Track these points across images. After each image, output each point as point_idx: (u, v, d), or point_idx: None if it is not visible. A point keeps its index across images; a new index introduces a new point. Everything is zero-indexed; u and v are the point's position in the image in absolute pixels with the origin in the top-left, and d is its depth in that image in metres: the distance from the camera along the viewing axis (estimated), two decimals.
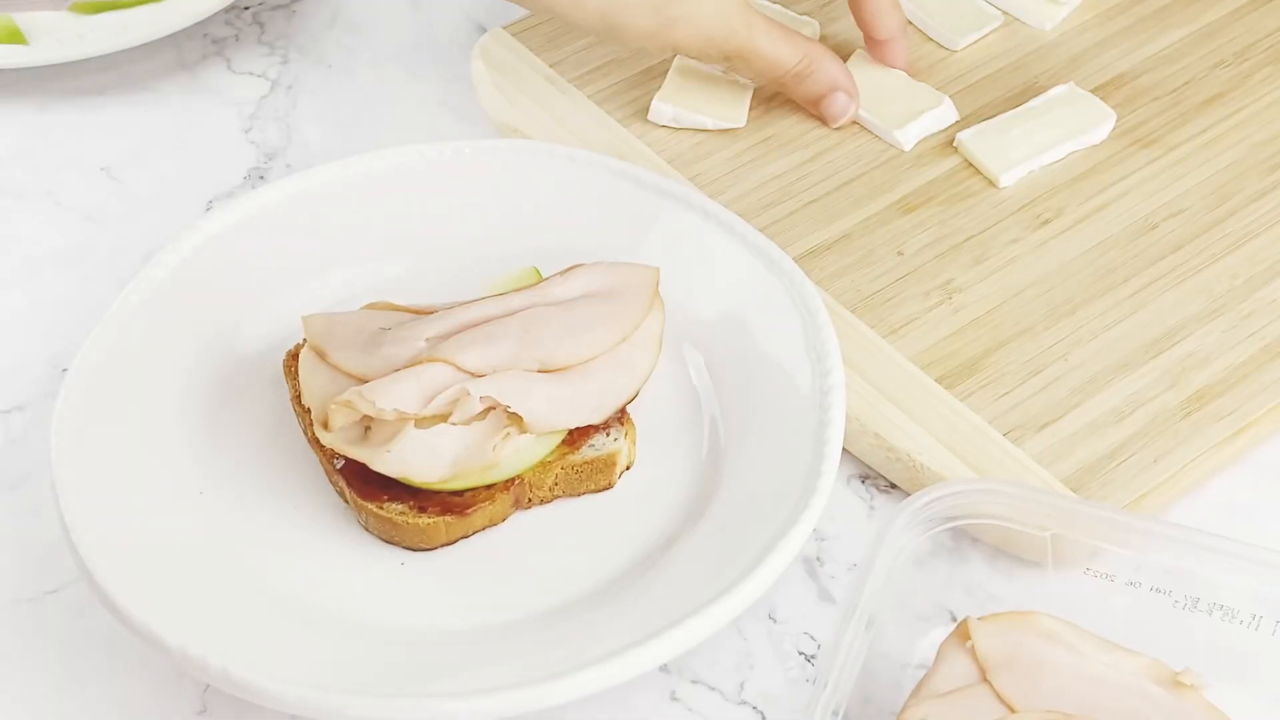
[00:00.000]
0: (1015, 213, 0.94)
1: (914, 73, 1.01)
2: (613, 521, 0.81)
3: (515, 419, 0.80)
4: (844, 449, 0.86)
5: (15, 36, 1.03)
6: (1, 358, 0.91)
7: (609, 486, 0.82)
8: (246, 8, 1.10)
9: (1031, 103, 0.98)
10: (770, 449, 0.82)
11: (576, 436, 0.82)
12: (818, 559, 0.83)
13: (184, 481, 0.81)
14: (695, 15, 0.92)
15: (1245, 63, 1.02)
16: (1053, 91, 0.98)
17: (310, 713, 0.72)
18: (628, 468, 0.83)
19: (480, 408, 0.80)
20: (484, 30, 1.08)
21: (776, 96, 1.00)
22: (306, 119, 1.04)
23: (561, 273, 0.85)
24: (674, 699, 0.78)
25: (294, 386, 0.83)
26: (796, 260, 0.91)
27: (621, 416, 0.83)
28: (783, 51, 0.95)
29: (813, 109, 0.98)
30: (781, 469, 0.80)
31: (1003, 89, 1.00)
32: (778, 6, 1.03)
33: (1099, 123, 0.97)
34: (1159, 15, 1.05)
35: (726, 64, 0.96)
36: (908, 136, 0.97)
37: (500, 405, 0.80)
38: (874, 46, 1.00)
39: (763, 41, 0.94)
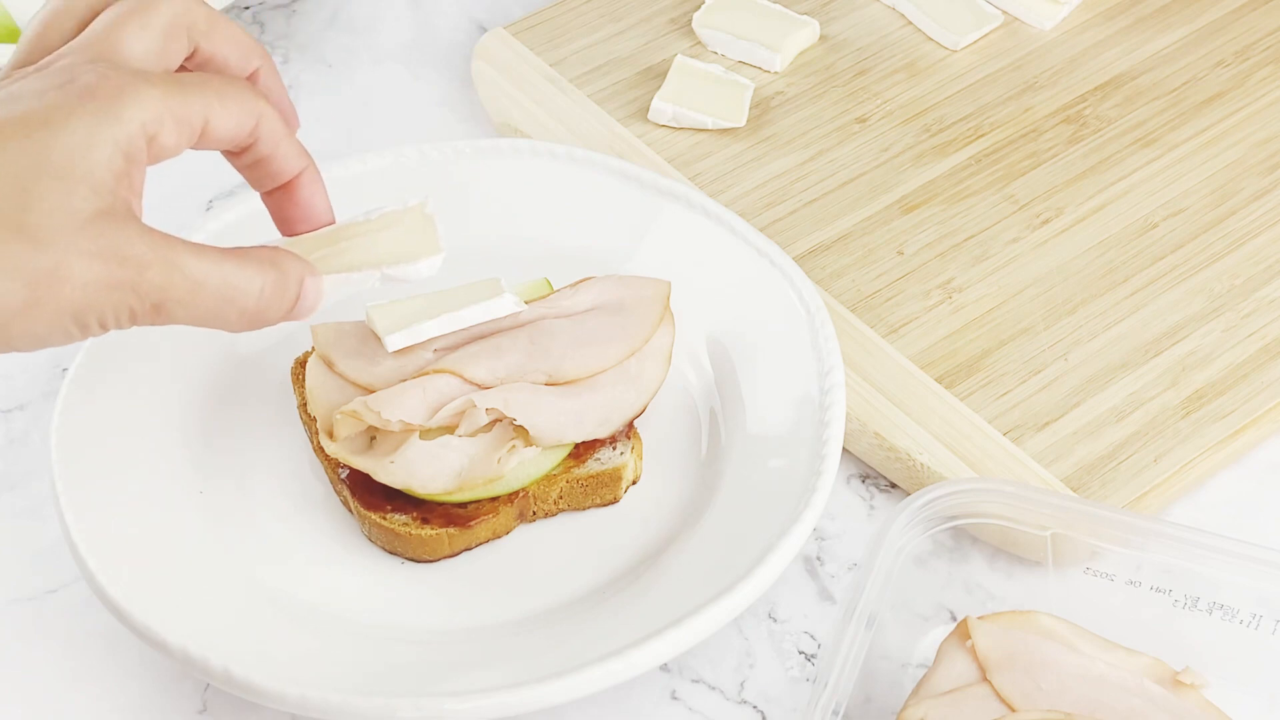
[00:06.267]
0: (1015, 212, 0.94)
1: (913, 72, 1.01)
2: (616, 528, 0.81)
3: (521, 432, 0.79)
4: (844, 449, 0.86)
5: (15, 36, 1.02)
6: (2, 358, 0.91)
7: (614, 501, 0.82)
8: (246, 8, 1.10)
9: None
10: (770, 449, 0.81)
11: (583, 450, 0.81)
12: (818, 559, 0.83)
13: (184, 482, 0.81)
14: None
15: (1245, 63, 1.02)
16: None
17: (310, 713, 0.72)
18: (634, 482, 0.82)
19: (486, 420, 0.79)
20: (484, 30, 1.08)
21: (776, 96, 1.00)
22: (306, 119, 1.03)
23: (572, 285, 0.85)
24: (674, 699, 0.78)
25: (301, 394, 0.83)
26: (796, 260, 0.91)
27: (628, 430, 0.82)
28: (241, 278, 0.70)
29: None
30: (781, 469, 0.80)
31: (1003, 89, 1.00)
32: (778, 7, 1.03)
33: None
34: (1159, 15, 1.05)
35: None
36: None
37: (506, 418, 0.79)
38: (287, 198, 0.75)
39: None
